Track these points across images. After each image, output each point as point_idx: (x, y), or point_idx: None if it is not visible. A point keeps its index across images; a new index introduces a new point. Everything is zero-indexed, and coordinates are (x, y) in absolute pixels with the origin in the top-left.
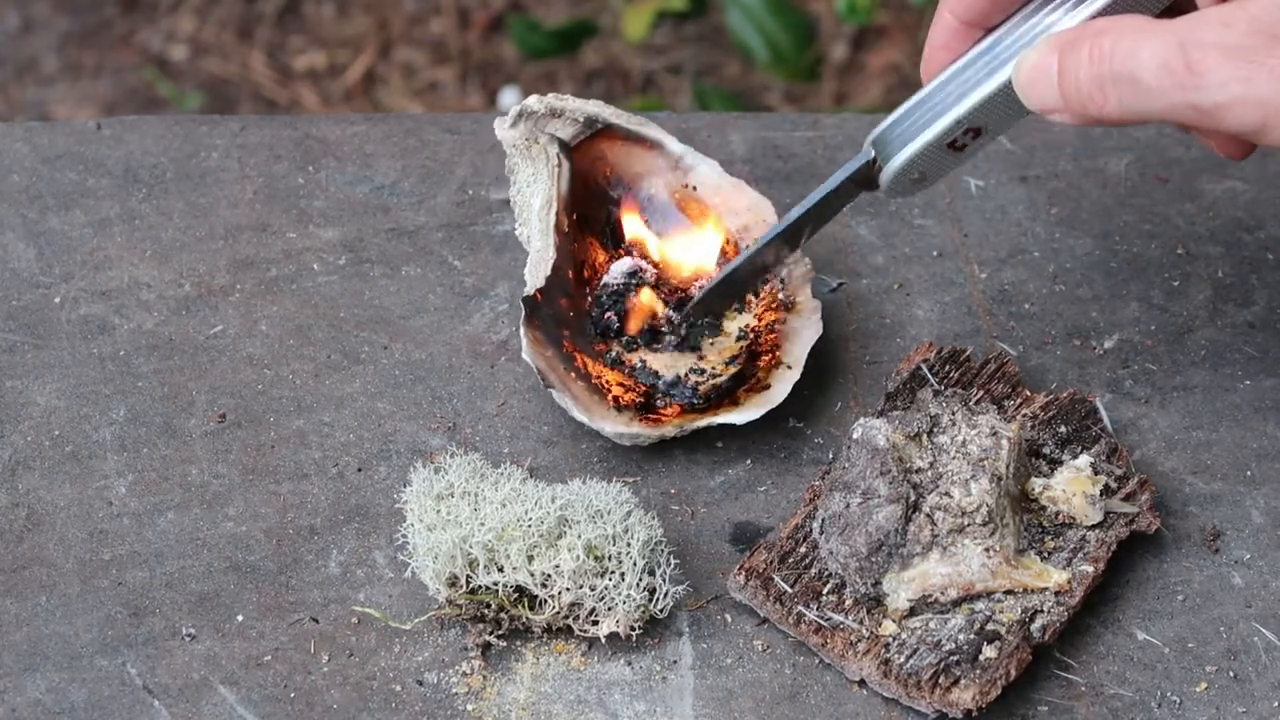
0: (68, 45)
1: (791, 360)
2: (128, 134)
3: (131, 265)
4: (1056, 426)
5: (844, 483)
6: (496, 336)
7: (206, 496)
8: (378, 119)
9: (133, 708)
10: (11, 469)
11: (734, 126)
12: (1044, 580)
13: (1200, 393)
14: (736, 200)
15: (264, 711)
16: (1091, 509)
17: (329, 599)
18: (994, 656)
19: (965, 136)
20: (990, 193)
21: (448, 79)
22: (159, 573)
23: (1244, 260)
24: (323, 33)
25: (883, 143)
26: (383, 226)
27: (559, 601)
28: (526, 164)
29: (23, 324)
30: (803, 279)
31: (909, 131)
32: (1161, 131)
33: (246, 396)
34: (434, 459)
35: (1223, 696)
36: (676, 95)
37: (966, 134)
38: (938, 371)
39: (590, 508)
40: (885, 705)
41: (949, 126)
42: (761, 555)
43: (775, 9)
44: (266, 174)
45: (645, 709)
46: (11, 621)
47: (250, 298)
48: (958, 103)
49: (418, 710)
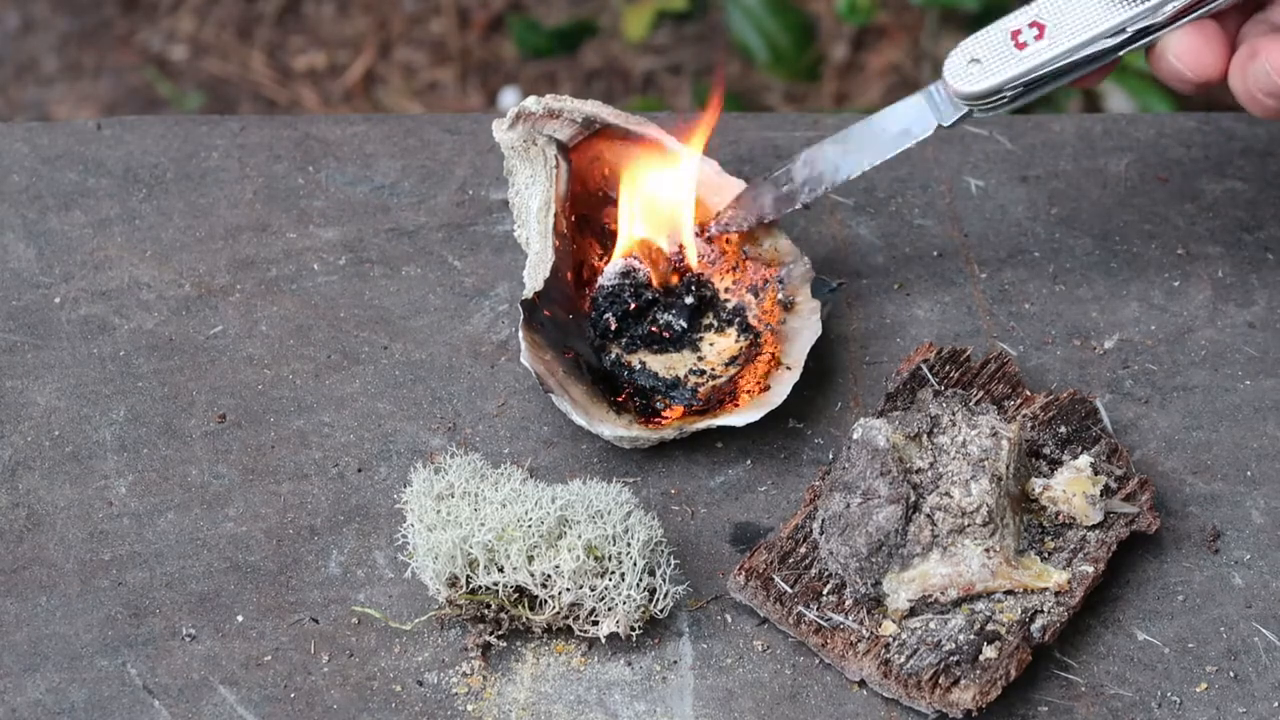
0: (68, 45)
1: (791, 361)
2: (128, 134)
3: (131, 265)
4: (1057, 427)
5: (844, 483)
6: (497, 337)
7: (207, 497)
8: (378, 119)
9: (133, 708)
10: (12, 469)
11: (734, 126)
12: (1044, 580)
13: (1200, 393)
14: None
15: (264, 712)
16: (1092, 509)
17: (329, 599)
18: (994, 657)
19: (1030, 31)
20: (990, 193)
21: (448, 79)
22: (159, 573)
23: (1244, 260)
24: (323, 33)
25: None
26: (383, 226)
27: (559, 602)
28: (524, 166)
29: (23, 324)
30: (802, 279)
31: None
32: (1162, 131)
33: (246, 397)
34: (434, 459)
35: (1223, 697)
36: (677, 95)
37: (1032, 27)
38: (938, 372)
39: (590, 508)
40: (885, 705)
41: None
42: (761, 555)
43: (775, 9)
44: (266, 174)
45: (645, 709)
46: (12, 622)
47: (250, 298)
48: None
49: (418, 710)
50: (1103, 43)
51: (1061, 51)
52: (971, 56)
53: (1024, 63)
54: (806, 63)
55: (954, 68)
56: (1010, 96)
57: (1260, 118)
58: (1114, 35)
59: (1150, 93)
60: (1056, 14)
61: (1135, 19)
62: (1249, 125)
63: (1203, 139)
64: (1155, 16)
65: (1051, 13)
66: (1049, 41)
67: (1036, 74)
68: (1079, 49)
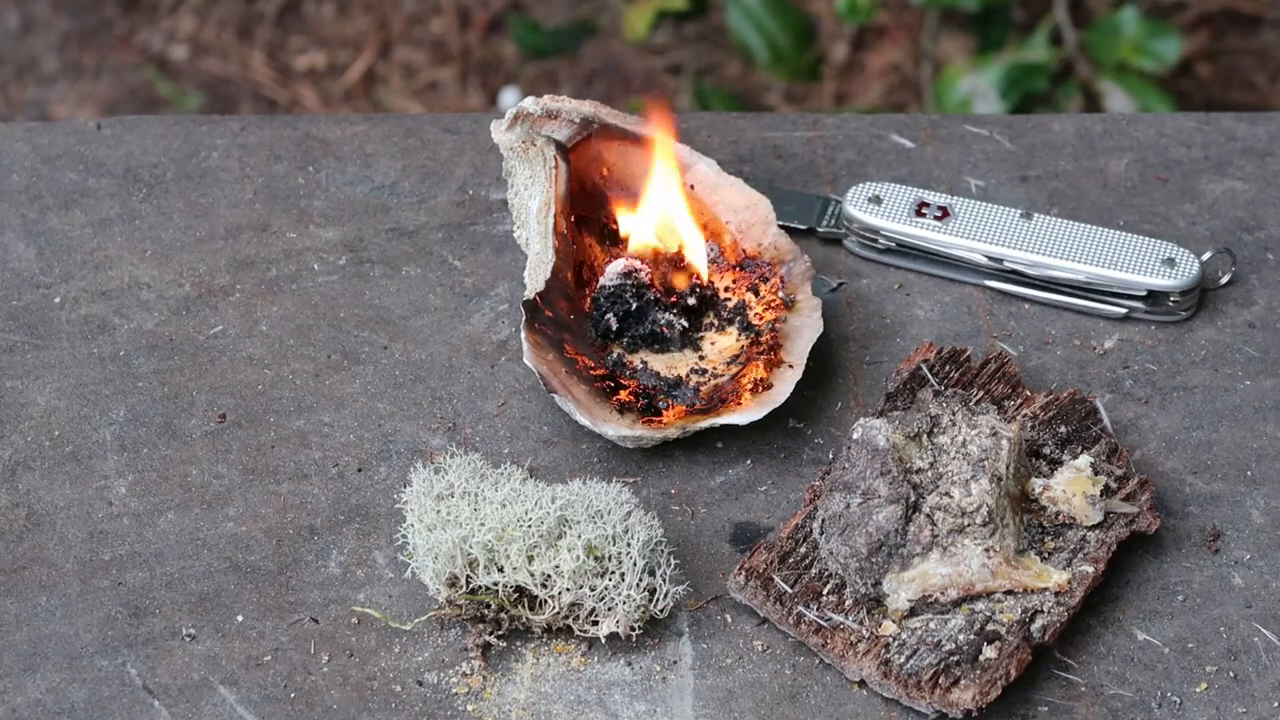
0: (68, 45)
1: (793, 359)
2: (128, 134)
3: (132, 265)
4: (1056, 427)
5: (844, 483)
6: (497, 336)
7: (207, 497)
8: (378, 119)
9: (133, 708)
10: (11, 469)
11: (734, 126)
12: (1044, 580)
13: (1200, 393)
14: (735, 198)
15: (264, 712)
16: (1091, 509)
17: (329, 599)
18: (994, 657)
19: (935, 210)
20: (991, 193)
21: (448, 79)
22: (159, 573)
23: (1244, 260)
24: (323, 32)
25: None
26: (383, 226)
27: (559, 602)
28: (524, 166)
29: (23, 324)
30: (803, 278)
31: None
32: (1162, 131)
33: (247, 397)
34: (434, 459)
35: (1223, 697)
36: (677, 95)
37: (940, 210)
38: (938, 372)
39: (590, 508)
40: (885, 705)
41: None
42: (761, 555)
43: (775, 9)
44: (266, 174)
45: (645, 709)
46: (12, 622)
47: (250, 298)
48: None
49: (418, 710)
50: (980, 255)
51: (945, 242)
52: (878, 195)
53: (909, 226)
54: (806, 62)
55: (857, 191)
56: (884, 245)
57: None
58: (991, 258)
59: (1150, 92)
60: (968, 216)
61: (1013, 259)
62: (1249, 125)
63: (1203, 139)
64: (1029, 271)
65: (965, 212)
66: (945, 226)
67: (911, 242)
68: (962, 248)
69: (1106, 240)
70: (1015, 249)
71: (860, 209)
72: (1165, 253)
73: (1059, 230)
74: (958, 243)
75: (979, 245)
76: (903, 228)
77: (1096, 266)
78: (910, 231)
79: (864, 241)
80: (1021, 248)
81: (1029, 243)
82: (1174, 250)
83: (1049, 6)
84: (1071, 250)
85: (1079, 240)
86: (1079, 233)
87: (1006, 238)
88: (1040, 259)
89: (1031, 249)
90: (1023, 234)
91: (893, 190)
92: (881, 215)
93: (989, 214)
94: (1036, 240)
